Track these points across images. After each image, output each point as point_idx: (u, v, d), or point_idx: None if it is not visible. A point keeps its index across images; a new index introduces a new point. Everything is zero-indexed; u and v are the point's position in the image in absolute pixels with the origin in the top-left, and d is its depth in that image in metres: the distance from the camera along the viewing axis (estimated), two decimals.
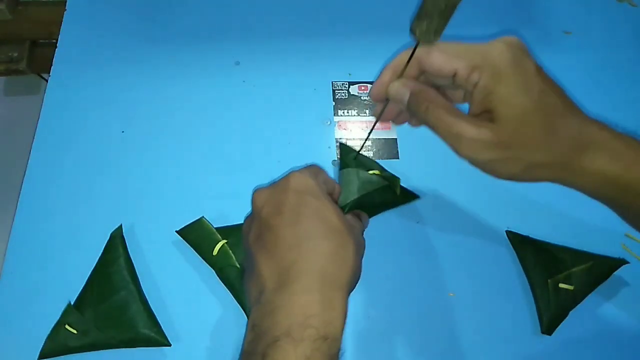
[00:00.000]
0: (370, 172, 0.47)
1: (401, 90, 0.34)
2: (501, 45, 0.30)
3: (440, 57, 0.31)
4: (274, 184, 0.36)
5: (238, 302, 0.43)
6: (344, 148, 0.51)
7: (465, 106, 0.34)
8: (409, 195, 0.49)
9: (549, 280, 0.44)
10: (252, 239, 0.35)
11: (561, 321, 0.43)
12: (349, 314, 0.45)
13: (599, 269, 0.45)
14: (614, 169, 0.31)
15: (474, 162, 0.32)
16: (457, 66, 0.31)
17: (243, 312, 0.43)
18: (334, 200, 0.42)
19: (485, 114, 0.31)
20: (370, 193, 0.47)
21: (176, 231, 0.46)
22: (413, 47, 0.32)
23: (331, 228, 0.33)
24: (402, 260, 0.47)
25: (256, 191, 0.36)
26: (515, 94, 0.30)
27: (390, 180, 0.47)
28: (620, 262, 0.45)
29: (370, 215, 0.47)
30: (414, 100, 0.33)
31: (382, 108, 0.37)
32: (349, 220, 0.37)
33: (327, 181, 0.40)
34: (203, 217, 0.46)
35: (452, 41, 0.32)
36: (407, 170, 0.50)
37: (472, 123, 0.31)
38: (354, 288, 0.37)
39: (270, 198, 0.35)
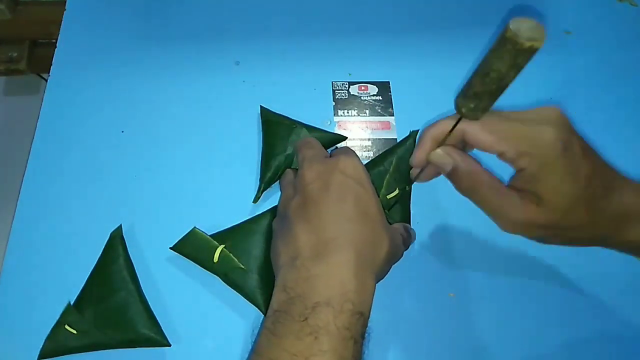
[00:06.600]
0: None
1: (445, 159, 0.34)
2: (550, 131, 0.30)
3: (488, 138, 0.31)
4: (323, 162, 0.38)
5: (253, 304, 0.43)
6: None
7: None
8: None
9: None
10: (294, 207, 0.37)
11: None
12: None
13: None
14: None
15: (518, 235, 0.33)
16: (504, 150, 0.31)
17: (261, 312, 0.42)
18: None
19: (529, 193, 0.31)
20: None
21: (170, 248, 0.45)
22: (454, 117, 0.32)
23: (369, 217, 0.36)
24: (401, 260, 0.47)
25: (307, 165, 0.38)
26: (563, 184, 0.30)
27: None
28: None
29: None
30: (457, 175, 0.33)
31: (420, 171, 0.37)
32: (394, 226, 0.40)
33: None
34: (195, 227, 0.45)
35: (496, 114, 0.31)
36: None
37: (519, 205, 0.31)
38: (379, 280, 0.38)
39: (320, 175, 0.37)
